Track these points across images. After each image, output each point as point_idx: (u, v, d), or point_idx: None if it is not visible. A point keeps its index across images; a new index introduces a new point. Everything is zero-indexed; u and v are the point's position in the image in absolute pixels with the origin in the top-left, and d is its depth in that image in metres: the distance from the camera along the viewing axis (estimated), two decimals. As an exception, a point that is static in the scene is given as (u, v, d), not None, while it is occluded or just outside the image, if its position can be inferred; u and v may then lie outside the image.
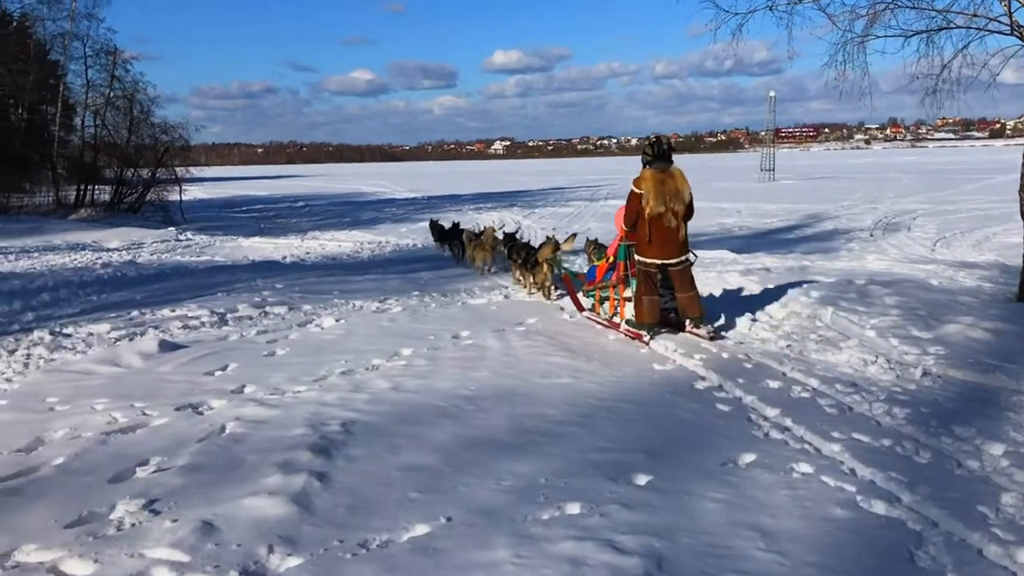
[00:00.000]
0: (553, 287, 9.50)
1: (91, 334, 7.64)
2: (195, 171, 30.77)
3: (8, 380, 6.02)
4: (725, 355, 6.37)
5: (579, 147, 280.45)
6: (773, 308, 7.89)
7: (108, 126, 28.08)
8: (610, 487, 3.78)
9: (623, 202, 7.44)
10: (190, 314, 8.58)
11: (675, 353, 6.55)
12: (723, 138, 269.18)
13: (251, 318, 8.54)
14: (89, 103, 28.29)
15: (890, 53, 11.93)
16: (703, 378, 5.80)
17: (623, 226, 7.66)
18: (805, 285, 8.57)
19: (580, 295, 8.86)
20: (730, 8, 9.43)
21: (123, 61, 27.90)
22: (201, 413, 5.08)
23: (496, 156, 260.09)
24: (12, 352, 6.91)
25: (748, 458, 4.17)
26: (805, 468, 4.04)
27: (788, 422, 4.72)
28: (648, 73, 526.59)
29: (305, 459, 4.12)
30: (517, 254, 10.24)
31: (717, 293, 9.06)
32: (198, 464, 4.14)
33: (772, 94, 60.52)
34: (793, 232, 20.77)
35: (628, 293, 7.97)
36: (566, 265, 9.87)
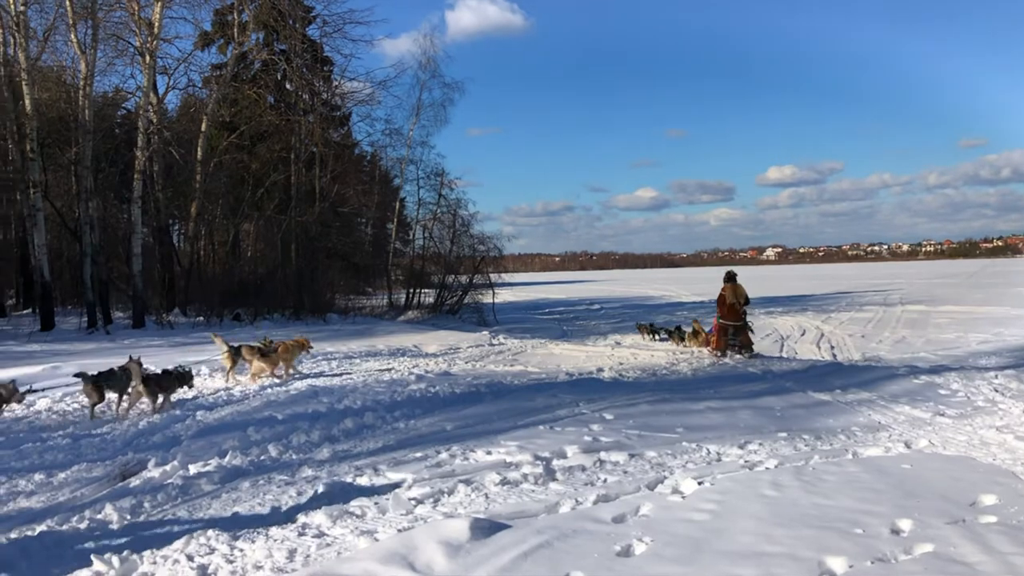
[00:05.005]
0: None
1: (388, 486, 5.24)
2: (505, 277, 30.42)
3: (258, 588, 3.60)
4: None
5: (849, 253, 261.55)
6: None
7: (435, 238, 28.59)
8: None
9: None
10: (509, 459, 5.99)
11: None
12: (999, 244, 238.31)
13: (584, 469, 5.81)
14: (420, 219, 29.06)
15: None
16: None
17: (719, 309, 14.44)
18: None
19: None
20: None
21: (448, 182, 28.42)
22: None
23: (768, 262, 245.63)
24: (303, 518, 4.62)
25: None
26: None
27: None
28: (920, 183, 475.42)
29: None
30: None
31: None
32: None
33: None
34: None
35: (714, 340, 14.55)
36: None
